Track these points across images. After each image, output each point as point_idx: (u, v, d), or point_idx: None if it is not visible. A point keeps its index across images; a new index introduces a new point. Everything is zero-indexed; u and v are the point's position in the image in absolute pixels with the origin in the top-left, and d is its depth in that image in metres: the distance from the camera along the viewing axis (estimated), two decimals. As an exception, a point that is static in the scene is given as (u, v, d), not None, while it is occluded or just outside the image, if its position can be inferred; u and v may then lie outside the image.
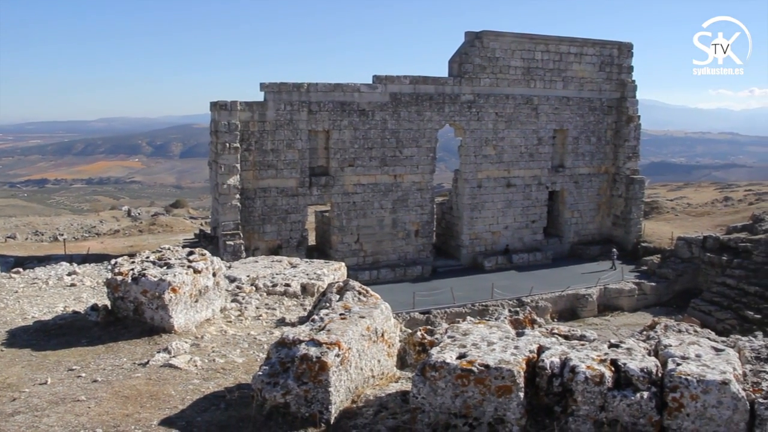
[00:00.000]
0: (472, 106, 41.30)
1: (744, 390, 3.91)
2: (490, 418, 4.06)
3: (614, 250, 42.87)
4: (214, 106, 35.43)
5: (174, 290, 6.83)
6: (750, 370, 4.22)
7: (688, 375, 3.94)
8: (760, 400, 3.85)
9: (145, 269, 7.10)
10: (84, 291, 9.58)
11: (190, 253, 7.81)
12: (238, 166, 35.20)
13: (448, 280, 38.28)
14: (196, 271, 7.32)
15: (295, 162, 37.13)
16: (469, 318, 5.39)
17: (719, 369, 4.00)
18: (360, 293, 6.46)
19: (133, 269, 7.14)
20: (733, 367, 4.06)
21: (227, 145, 34.70)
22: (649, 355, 4.38)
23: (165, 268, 7.22)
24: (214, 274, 7.79)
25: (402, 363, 5.94)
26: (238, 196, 35.26)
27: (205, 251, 7.98)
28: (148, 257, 7.69)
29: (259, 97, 36.42)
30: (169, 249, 8.07)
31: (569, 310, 36.82)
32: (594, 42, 45.39)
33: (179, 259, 7.58)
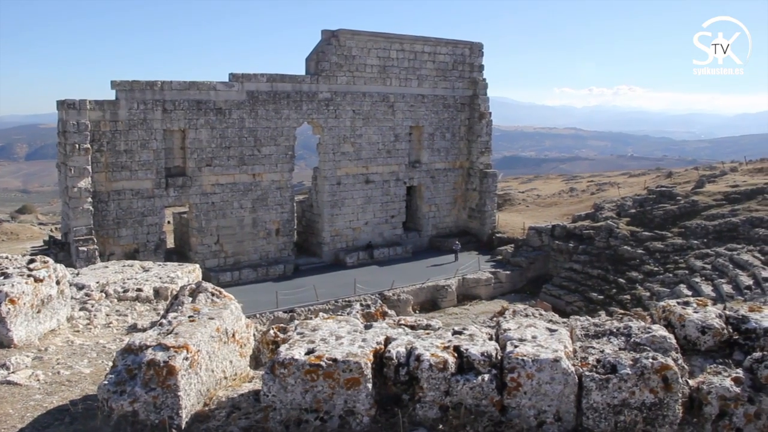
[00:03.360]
0: (329, 104, 41.51)
1: (573, 365, 4.21)
2: (341, 410, 4.14)
3: (456, 242, 44.48)
4: (62, 104, 33.60)
5: (12, 302, 6.43)
6: (579, 347, 4.54)
7: (525, 356, 4.19)
8: (587, 373, 4.17)
9: (-22, 281, 6.64)
10: None
11: (31, 261, 7.37)
12: (90, 168, 33.56)
13: (311, 278, 38.33)
14: (38, 280, 6.92)
15: (151, 163, 35.87)
16: (321, 314, 5.46)
17: (552, 348, 4.29)
18: (213, 294, 6.37)
19: (-36, 281, 6.65)
20: (564, 345, 4.36)
21: (77, 146, 33.00)
22: (491, 339, 4.62)
23: (1, 278, 6.78)
24: (58, 282, 7.40)
25: (257, 362, 5.93)
26: (90, 199, 33.59)
27: (47, 258, 7.55)
28: (-18, 268, 7.18)
29: (111, 95, 34.90)
30: (6, 258, 7.59)
31: (430, 302, 37.89)
32: (447, 41, 46.86)
33: (18, 267, 7.13)
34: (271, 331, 5.30)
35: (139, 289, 9.10)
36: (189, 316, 5.00)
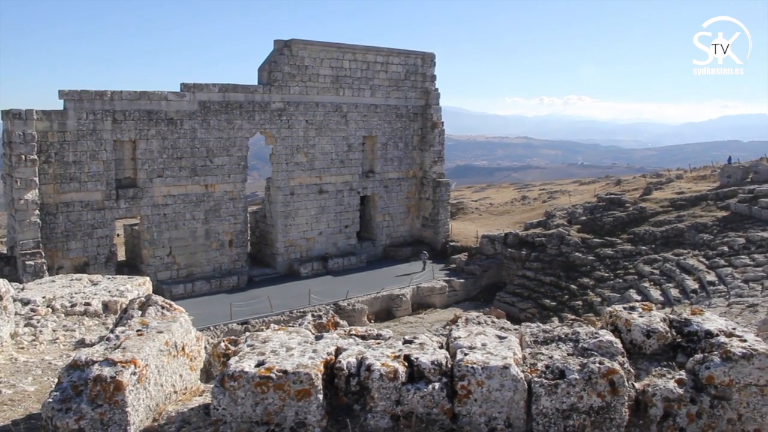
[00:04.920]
0: (282, 114, 41.35)
1: (523, 372, 4.26)
2: (292, 422, 4.11)
3: (424, 252, 44.64)
4: (7, 114, 32.80)
5: (-49, 318, 6.24)
6: (529, 353, 4.59)
7: (474, 363, 4.22)
8: (536, 379, 4.22)
9: None
10: None
11: (-28, 277, 7.17)
12: (37, 179, 32.82)
13: (265, 289, 38.06)
14: (-22, 296, 6.74)
15: (100, 174, 35.22)
16: (272, 325, 5.42)
17: (501, 355, 4.33)
18: (163, 307, 6.27)
19: None
20: (514, 352, 4.41)
21: (23, 157, 32.21)
22: (441, 348, 4.64)
23: (-60, 294, 6.58)
24: (0, 298, 7.22)
25: (208, 376, 5.85)
26: (37, 211, 32.81)
27: (-11, 274, 7.37)
28: None
29: (59, 105, 34.18)
30: (-54, 274, 7.37)
31: (385, 311, 37.90)
32: (399, 52, 47.13)
33: (-42, 283, 6.94)
34: (222, 344, 5.25)
35: (88, 304, 8.90)
36: (137, 330, 4.91)
